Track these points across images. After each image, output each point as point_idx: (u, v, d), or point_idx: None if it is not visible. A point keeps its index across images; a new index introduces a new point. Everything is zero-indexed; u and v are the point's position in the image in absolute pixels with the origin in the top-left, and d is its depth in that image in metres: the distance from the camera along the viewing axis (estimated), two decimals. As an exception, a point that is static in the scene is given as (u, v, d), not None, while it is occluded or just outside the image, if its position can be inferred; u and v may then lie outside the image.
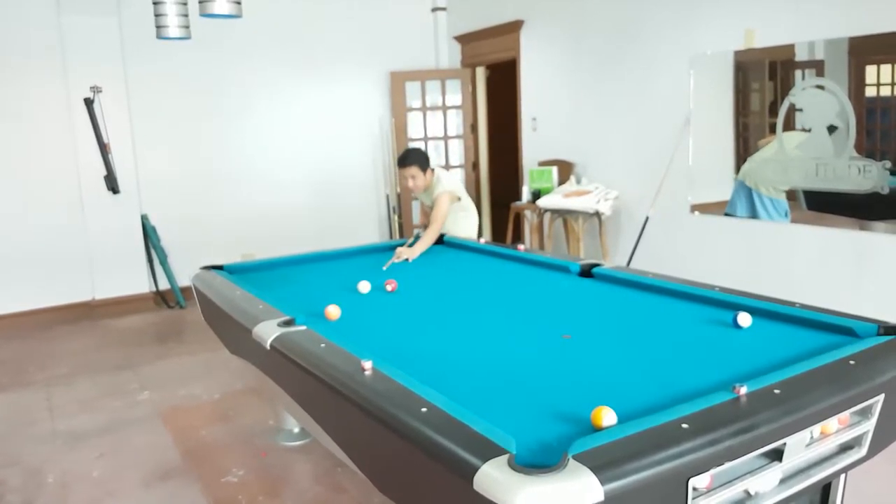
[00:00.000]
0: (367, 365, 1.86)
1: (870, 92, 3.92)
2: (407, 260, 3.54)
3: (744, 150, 4.51)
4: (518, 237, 6.18)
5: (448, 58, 7.03)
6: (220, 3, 2.78)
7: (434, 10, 6.95)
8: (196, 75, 6.00)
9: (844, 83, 3.94)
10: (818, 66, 4.11)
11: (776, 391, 1.62)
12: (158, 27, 3.31)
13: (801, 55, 4.18)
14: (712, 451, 1.42)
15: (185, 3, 3.25)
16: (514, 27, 6.10)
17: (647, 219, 4.98)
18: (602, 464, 1.29)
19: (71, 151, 5.61)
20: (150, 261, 5.96)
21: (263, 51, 6.25)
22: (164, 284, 6.03)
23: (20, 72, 5.38)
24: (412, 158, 4.02)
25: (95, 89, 5.53)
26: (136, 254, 5.86)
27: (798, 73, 4.23)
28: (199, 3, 2.82)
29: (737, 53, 4.44)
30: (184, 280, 5.83)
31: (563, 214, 5.42)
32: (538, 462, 1.33)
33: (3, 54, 5.31)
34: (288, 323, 2.36)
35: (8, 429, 3.66)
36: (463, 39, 6.80)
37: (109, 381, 4.27)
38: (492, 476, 1.29)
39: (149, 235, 5.88)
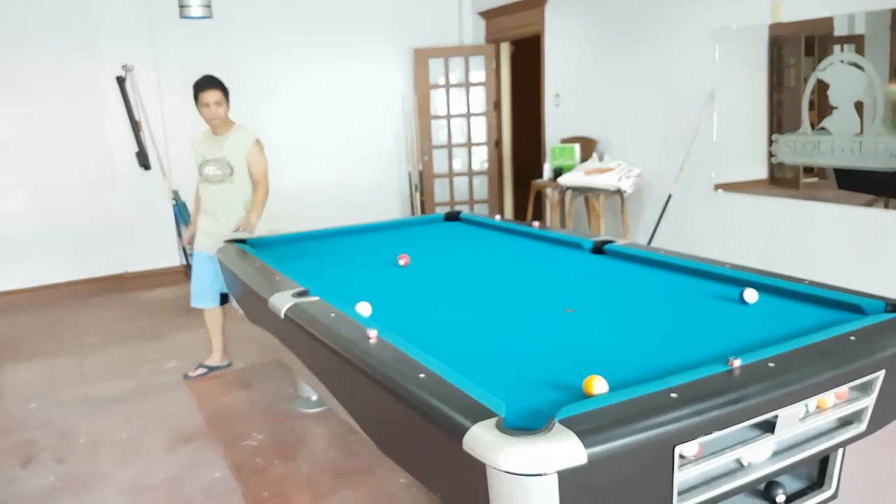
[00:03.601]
0: (373, 333, 1.92)
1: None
2: (249, 234, 3.62)
3: (777, 127, 4.40)
4: (539, 215, 6.18)
5: (472, 34, 7.00)
6: None
7: (458, -15, 6.92)
8: (222, 53, 6.07)
9: (886, 58, 3.78)
10: (858, 41, 3.96)
11: (770, 364, 1.64)
12: (181, 6, 3.40)
13: (839, 29, 4.02)
14: (700, 420, 1.45)
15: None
16: (539, 2, 6.04)
17: (669, 196, 4.95)
18: (587, 428, 1.33)
19: (103, 128, 5.77)
20: (179, 235, 6.12)
21: (288, 29, 6.30)
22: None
23: (54, 50, 5.53)
24: (217, 82, 3.68)
25: (127, 68, 5.65)
26: (167, 229, 6.02)
27: (836, 47, 4.07)
28: None
29: (772, 27, 4.31)
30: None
31: (585, 192, 5.40)
32: (526, 425, 1.38)
33: (37, 33, 5.46)
34: (302, 294, 2.43)
35: (42, 392, 3.84)
36: (487, 15, 6.76)
37: (138, 350, 4.44)
38: (479, 437, 1.34)
39: (179, 211, 6.03)
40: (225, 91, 3.72)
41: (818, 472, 1.90)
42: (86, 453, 3.11)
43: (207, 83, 3.66)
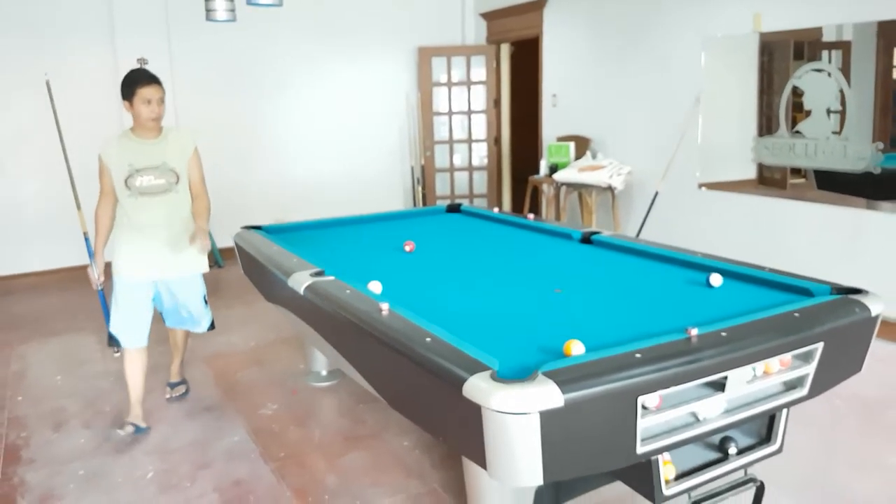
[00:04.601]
0: (385, 307, 2.21)
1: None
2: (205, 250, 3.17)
3: (767, 130, 4.64)
4: (535, 209, 6.47)
5: (474, 34, 7.28)
6: None
7: (462, -13, 7.21)
8: (234, 50, 6.37)
9: (871, 63, 4.01)
10: (845, 48, 4.19)
11: (723, 334, 1.93)
12: (208, 10, 3.67)
13: (828, 36, 4.25)
14: (659, 376, 1.75)
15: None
16: (538, 5, 6.32)
17: (656, 194, 5.24)
18: (564, 378, 1.63)
19: (119, 119, 6.04)
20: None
21: (298, 27, 6.58)
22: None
23: (71, 42, 5.80)
24: (158, 77, 3.11)
25: (142, 61, 5.88)
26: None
27: (825, 53, 4.30)
28: None
29: (763, 35, 4.52)
30: (222, 242, 6.25)
31: (578, 188, 5.69)
32: (515, 376, 1.68)
33: (54, 25, 5.74)
34: (319, 274, 2.72)
35: (65, 367, 4.11)
36: (489, 16, 7.04)
37: (156, 330, 4.62)
38: (476, 385, 1.64)
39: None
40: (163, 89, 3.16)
41: (766, 429, 2.19)
42: (112, 420, 3.37)
43: (150, 76, 3.07)
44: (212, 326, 3.51)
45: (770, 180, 4.72)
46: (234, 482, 2.77)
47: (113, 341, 3.22)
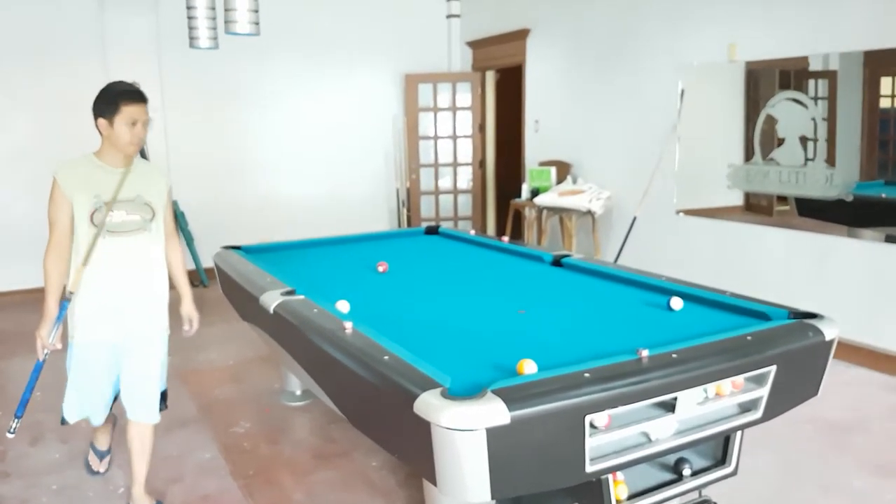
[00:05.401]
0: (348, 325, 2.26)
1: (885, 103, 3.99)
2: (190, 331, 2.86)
3: (748, 156, 4.64)
4: (517, 233, 6.55)
5: (460, 62, 7.42)
6: (242, 24, 3.26)
7: (448, 16, 7.37)
8: (224, 73, 6.47)
9: (858, 92, 4.04)
10: (831, 77, 4.22)
11: (674, 356, 1.98)
12: (191, 38, 3.77)
13: (815, 65, 4.29)
14: (607, 395, 1.79)
15: (213, 19, 3.72)
16: (522, 35, 6.46)
17: (634, 218, 5.33)
18: (511, 396, 1.67)
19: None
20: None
21: (288, 52, 6.70)
22: (189, 265, 6.51)
23: (64, 65, 5.89)
24: (146, 97, 2.53)
25: (134, 84, 6.01)
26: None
27: (811, 82, 4.33)
28: (225, 22, 3.30)
29: (748, 63, 4.60)
30: (207, 261, 6.29)
31: (559, 212, 5.77)
32: (465, 394, 1.72)
33: (48, 47, 5.83)
34: (289, 293, 2.76)
35: (45, 383, 4.02)
36: (474, 45, 7.18)
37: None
38: (426, 401, 1.68)
39: (177, 220, 6.36)
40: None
41: (721, 451, 2.23)
42: (88, 436, 3.38)
43: (139, 93, 2.51)
44: (163, 402, 2.74)
45: (757, 207, 4.78)
46: (202, 497, 2.79)
47: (64, 418, 2.67)
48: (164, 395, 2.74)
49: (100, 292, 2.49)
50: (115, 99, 2.46)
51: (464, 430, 1.62)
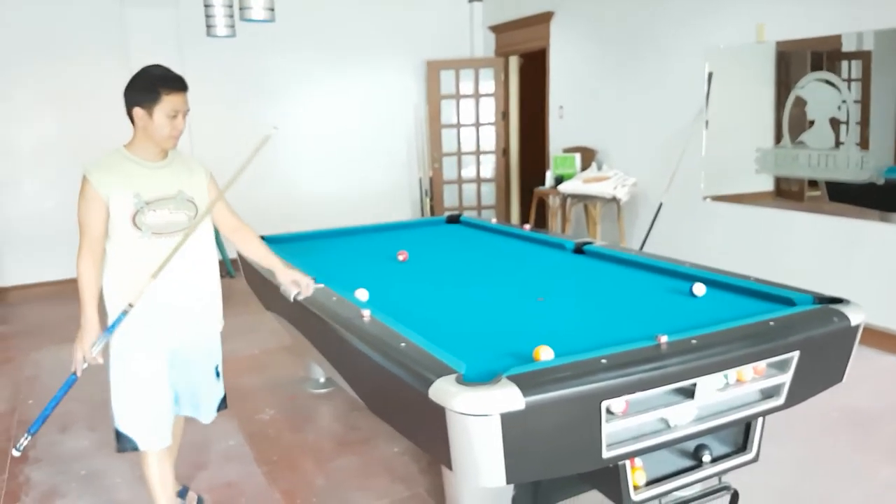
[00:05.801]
0: (366, 313, 2.27)
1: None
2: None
3: (778, 140, 4.51)
4: (542, 221, 6.50)
5: (483, 47, 7.37)
6: (257, 10, 3.29)
7: (470, 1, 7.30)
8: (244, 64, 6.52)
9: (894, 74, 3.89)
10: (865, 57, 4.10)
11: (693, 341, 1.96)
12: (208, 27, 3.82)
13: (848, 46, 4.14)
14: (624, 381, 1.78)
15: (230, 6, 3.76)
16: (545, 18, 6.39)
17: (660, 205, 5.25)
18: (527, 382, 1.67)
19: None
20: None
21: (307, 41, 6.72)
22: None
23: (86, 58, 5.99)
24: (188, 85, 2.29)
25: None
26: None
27: (844, 63, 4.20)
28: (240, 9, 3.33)
29: (779, 44, 4.46)
30: (232, 252, 6.38)
31: (583, 199, 5.72)
32: (480, 380, 1.72)
33: (70, 42, 5.94)
34: (310, 281, 2.78)
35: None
36: (497, 29, 7.12)
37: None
38: (441, 387, 1.69)
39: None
40: None
41: (742, 438, 2.20)
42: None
43: (181, 81, 2.27)
44: (223, 403, 2.55)
45: (788, 193, 4.66)
46: (226, 483, 2.84)
47: (125, 444, 2.34)
48: (223, 399, 2.55)
49: (150, 300, 2.22)
50: (154, 86, 2.20)
51: (478, 415, 1.62)
